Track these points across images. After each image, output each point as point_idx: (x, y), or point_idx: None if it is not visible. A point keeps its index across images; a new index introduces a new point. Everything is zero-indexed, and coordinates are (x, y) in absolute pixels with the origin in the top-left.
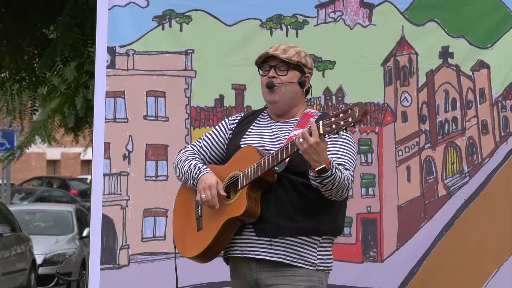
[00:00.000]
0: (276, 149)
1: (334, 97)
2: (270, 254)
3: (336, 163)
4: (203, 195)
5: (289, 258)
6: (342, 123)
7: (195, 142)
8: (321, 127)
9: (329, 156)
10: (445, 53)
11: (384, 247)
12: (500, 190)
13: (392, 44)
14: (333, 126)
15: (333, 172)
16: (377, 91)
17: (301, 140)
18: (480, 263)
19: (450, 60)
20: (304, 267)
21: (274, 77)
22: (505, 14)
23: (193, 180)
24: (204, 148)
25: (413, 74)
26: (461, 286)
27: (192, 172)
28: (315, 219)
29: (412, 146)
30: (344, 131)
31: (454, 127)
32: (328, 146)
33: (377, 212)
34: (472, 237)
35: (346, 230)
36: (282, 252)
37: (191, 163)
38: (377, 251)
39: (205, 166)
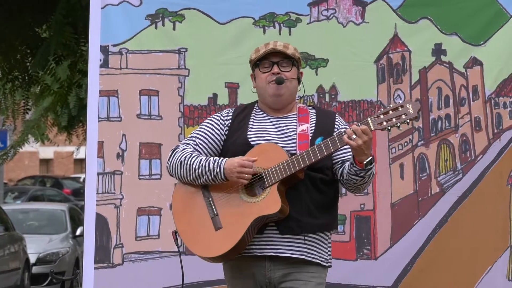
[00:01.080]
0: (286, 143)
1: (327, 95)
2: (293, 252)
3: None
4: (245, 175)
5: (309, 255)
6: (394, 120)
7: (188, 140)
8: (370, 123)
9: (347, 153)
10: (438, 50)
11: (377, 244)
12: (493, 187)
13: (385, 42)
14: (384, 123)
15: (373, 162)
16: (370, 89)
17: (354, 136)
18: (473, 259)
19: (443, 57)
20: (320, 263)
21: (279, 73)
22: (498, 11)
23: (212, 174)
24: (200, 145)
25: (406, 71)
26: (455, 283)
27: (207, 167)
28: (328, 214)
29: (405, 144)
30: (397, 128)
31: (447, 124)
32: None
33: (371, 210)
34: (466, 234)
35: (339, 228)
36: (305, 249)
37: (201, 159)
38: (370, 248)
39: (217, 157)
